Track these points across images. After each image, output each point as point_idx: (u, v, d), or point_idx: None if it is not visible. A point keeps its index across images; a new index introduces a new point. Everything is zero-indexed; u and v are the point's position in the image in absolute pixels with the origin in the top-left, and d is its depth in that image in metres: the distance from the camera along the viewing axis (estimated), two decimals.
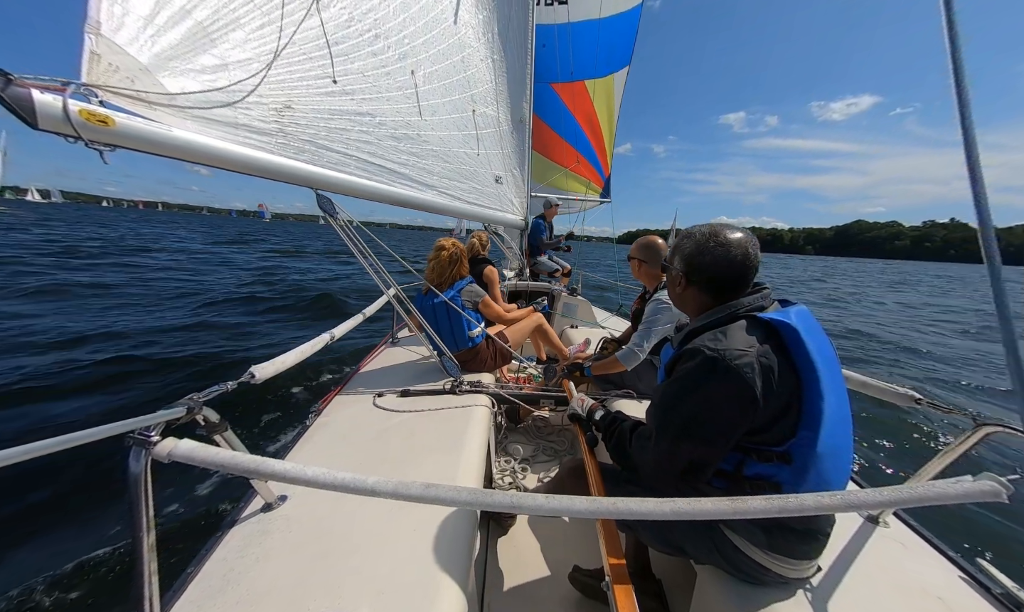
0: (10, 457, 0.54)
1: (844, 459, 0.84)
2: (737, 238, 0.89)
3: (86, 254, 13.81)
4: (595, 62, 6.01)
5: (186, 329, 5.74)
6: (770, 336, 0.80)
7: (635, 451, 0.97)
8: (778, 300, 0.92)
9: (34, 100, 0.75)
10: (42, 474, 2.43)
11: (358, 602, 0.79)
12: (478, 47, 2.68)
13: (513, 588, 1.39)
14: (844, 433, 0.83)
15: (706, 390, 0.80)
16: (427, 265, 2.21)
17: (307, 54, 1.38)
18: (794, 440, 0.77)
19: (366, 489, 0.64)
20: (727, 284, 0.90)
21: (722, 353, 0.78)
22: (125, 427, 0.66)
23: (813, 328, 0.84)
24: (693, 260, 0.93)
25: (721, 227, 0.92)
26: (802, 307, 0.88)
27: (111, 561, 1.96)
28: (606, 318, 4.05)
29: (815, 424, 0.76)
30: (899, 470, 3.24)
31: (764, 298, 0.88)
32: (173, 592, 0.82)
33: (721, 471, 0.86)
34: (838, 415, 0.80)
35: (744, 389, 0.75)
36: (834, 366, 0.84)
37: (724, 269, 0.89)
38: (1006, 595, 0.92)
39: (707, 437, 0.81)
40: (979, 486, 0.66)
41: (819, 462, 0.77)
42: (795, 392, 0.78)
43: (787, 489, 0.78)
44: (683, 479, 0.86)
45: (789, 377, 0.77)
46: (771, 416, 0.78)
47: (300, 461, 0.70)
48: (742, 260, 0.88)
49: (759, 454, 0.81)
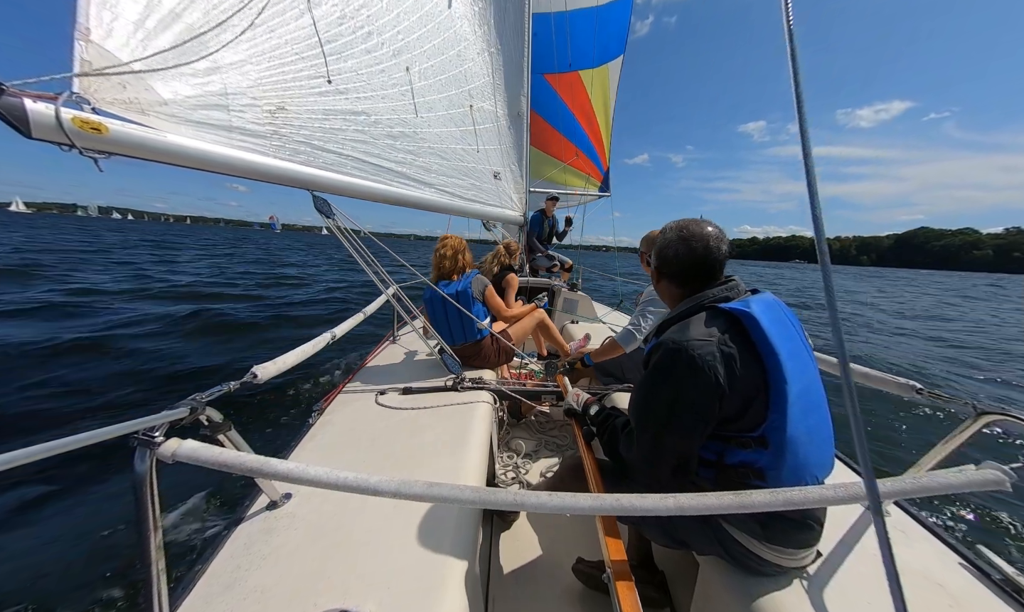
0: (14, 459, 0.55)
1: (823, 441, 0.86)
2: (701, 232, 0.93)
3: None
4: (589, 52, 5.90)
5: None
6: (732, 325, 0.83)
7: (623, 450, 1.00)
8: (749, 290, 0.95)
9: (27, 109, 0.74)
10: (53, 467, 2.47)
11: (364, 598, 0.80)
12: (474, 40, 2.65)
13: (517, 581, 1.41)
14: (818, 416, 0.85)
15: (674, 381, 0.82)
16: (433, 260, 2.27)
17: (299, 54, 1.37)
18: (766, 424, 0.79)
19: (369, 488, 0.64)
20: (692, 276, 0.95)
21: (684, 344, 0.81)
22: (130, 428, 0.67)
23: (777, 316, 0.86)
24: (661, 254, 0.99)
25: (689, 221, 0.97)
26: (767, 296, 0.91)
27: (121, 559, 1.99)
28: (607, 313, 4.05)
29: (782, 408, 0.78)
30: (901, 459, 3.25)
31: (730, 289, 0.92)
32: (182, 589, 0.83)
33: (706, 461, 0.88)
34: (808, 399, 0.82)
35: (707, 377, 0.78)
36: (801, 352, 0.86)
37: (687, 261, 0.94)
38: (1006, 581, 0.92)
39: (684, 428, 0.83)
40: (982, 475, 0.67)
41: (794, 445, 0.79)
42: (761, 378, 0.79)
43: (769, 473, 0.80)
44: (673, 476, 0.88)
45: (753, 364, 0.80)
46: (741, 403, 0.80)
47: (303, 460, 0.71)
48: (703, 253, 0.92)
49: (738, 441, 0.83)
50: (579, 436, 1.23)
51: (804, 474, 0.81)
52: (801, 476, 0.80)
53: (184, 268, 14.23)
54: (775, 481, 0.79)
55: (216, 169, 1.11)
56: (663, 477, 0.88)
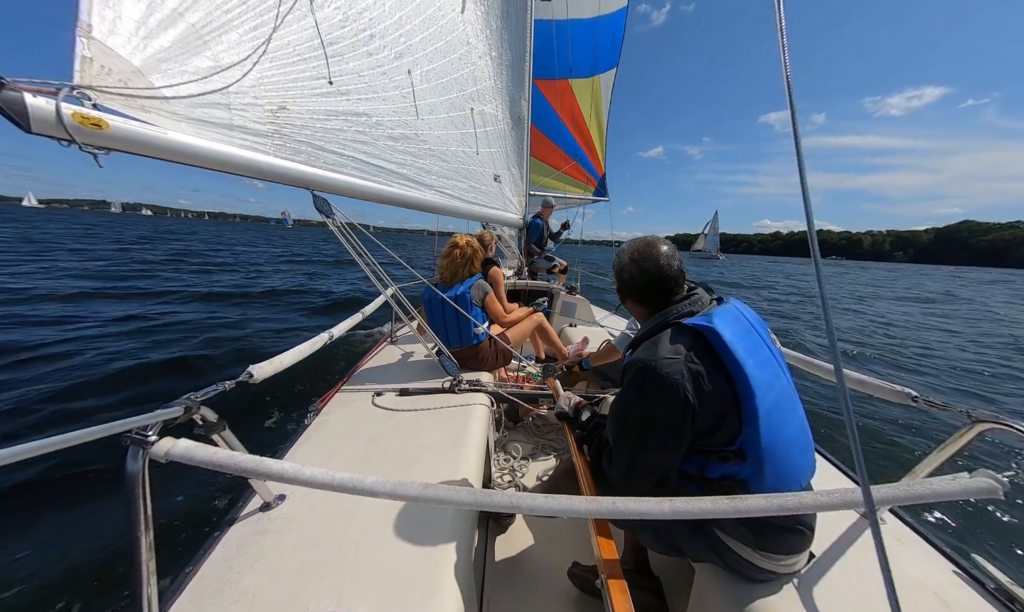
0: (4, 458, 0.54)
1: (803, 447, 0.86)
2: (651, 253, 0.95)
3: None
4: (581, 62, 5.96)
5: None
6: (697, 341, 0.83)
7: (604, 466, 1.00)
8: (715, 298, 0.96)
9: (27, 104, 0.74)
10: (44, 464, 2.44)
11: (358, 601, 0.79)
12: (476, 44, 2.67)
13: (512, 584, 1.40)
14: (794, 423, 0.85)
15: (645, 399, 0.83)
16: (440, 262, 2.23)
17: (301, 55, 1.38)
18: (741, 437, 0.80)
19: (364, 489, 0.64)
20: (651, 295, 0.96)
21: (651, 363, 0.82)
22: (122, 426, 0.66)
23: (742, 327, 0.86)
24: (619, 277, 1.02)
25: (639, 242, 0.99)
26: (730, 306, 0.92)
27: (110, 560, 1.96)
28: (605, 316, 4.05)
29: (754, 420, 0.78)
30: (895, 467, 3.25)
31: (693, 304, 0.92)
32: (172, 591, 0.82)
33: (688, 474, 0.88)
34: (781, 408, 0.82)
35: (677, 395, 0.79)
36: (769, 362, 0.86)
37: (642, 283, 0.96)
38: (1000, 590, 0.92)
39: (658, 444, 0.84)
40: (976, 483, 0.67)
41: (772, 454, 0.79)
42: (730, 392, 0.80)
43: (752, 484, 0.80)
44: (653, 492, 0.87)
45: (721, 379, 0.80)
46: (713, 418, 0.80)
47: (299, 460, 0.70)
48: (656, 272, 0.94)
49: (717, 455, 0.83)
50: (571, 439, 1.23)
51: (787, 481, 0.81)
52: (785, 483, 0.81)
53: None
54: (759, 491, 0.79)
55: (217, 166, 1.11)
56: (643, 493, 0.89)
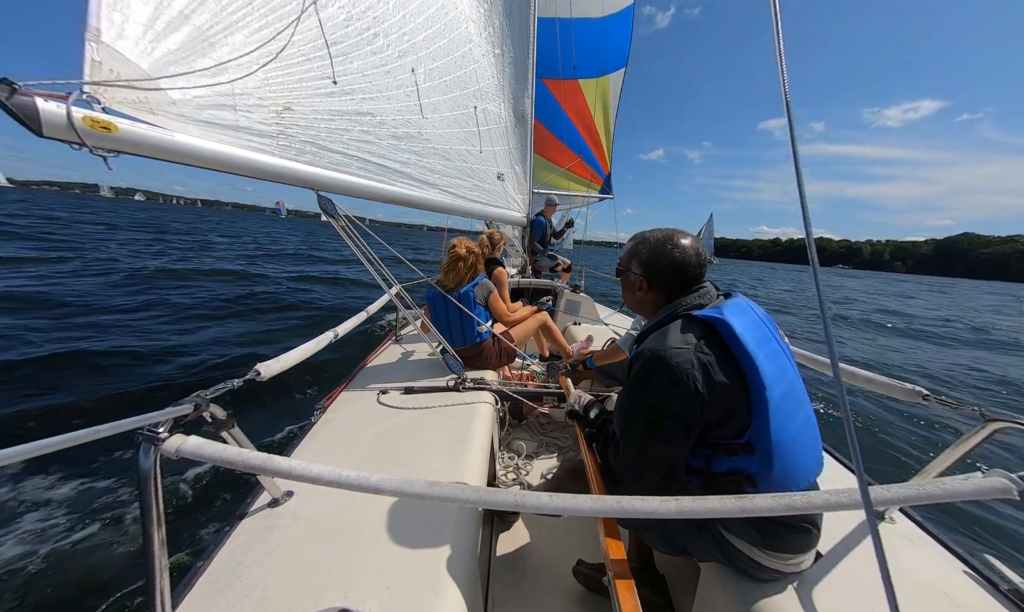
0: (20, 454, 0.56)
1: (810, 442, 0.86)
2: (689, 242, 0.95)
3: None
4: (589, 61, 5.91)
5: None
6: (707, 332, 0.83)
7: (612, 461, 0.99)
8: (722, 293, 0.95)
9: (39, 109, 0.76)
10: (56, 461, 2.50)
11: (364, 596, 0.80)
12: (479, 42, 2.66)
13: (517, 582, 1.41)
14: (802, 417, 0.84)
15: (654, 390, 0.82)
16: (443, 273, 2.19)
17: (306, 55, 1.38)
18: (750, 430, 0.79)
19: (370, 487, 0.64)
20: (677, 283, 0.96)
21: (661, 353, 0.81)
22: (134, 424, 0.68)
23: (752, 320, 0.86)
24: (653, 263, 0.97)
25: (673, 232, 0.98)
26: (739, 300, 0.91)
27: (125, 555, 2.01)
28: (609, 315, 4.04)
29: (764, 412, 0.78)
30: (906, 466, 3.21)
31: (703, 296, 0.92)
32: (183, 586, 0.84)
33: (695, 468, 0.87)
34: (790, 401, 0.82)
35: (687, 386, 0.78)
36: (778, 355, 0.85)
37: (680, 271, 0.94)
38: (1014, 591, 0.91)
39: (666, 436, 0.83)
40: (989, 483, 0.66)
41: (781, 448, 0.78)
42: (740, 384, 0.79)
43: (760, 479, 0.79)
44: (661, 486, 0.88)
45: (731, 370, 0.79)
46: (722, 409, 0.80)
47: (306, 458, 0.71)
48: (696, 262, 0.94)
49: (725, 448, 0.82)
50: (581, 438, 1.23)
51: (795, 477, 0.81)
52: (792, 479, 0.80)
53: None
54: (766, 486, 0.78)
55: (223, 168, 1.13)
56: (650, 487, 0.88)
